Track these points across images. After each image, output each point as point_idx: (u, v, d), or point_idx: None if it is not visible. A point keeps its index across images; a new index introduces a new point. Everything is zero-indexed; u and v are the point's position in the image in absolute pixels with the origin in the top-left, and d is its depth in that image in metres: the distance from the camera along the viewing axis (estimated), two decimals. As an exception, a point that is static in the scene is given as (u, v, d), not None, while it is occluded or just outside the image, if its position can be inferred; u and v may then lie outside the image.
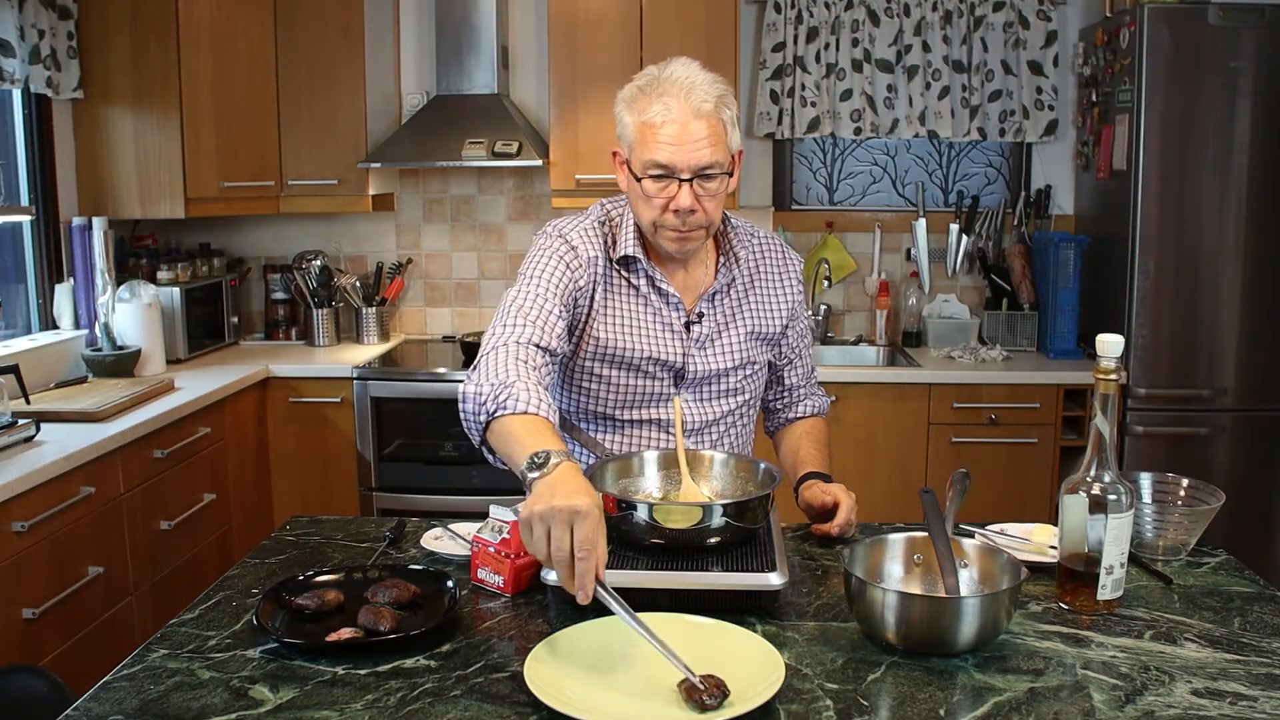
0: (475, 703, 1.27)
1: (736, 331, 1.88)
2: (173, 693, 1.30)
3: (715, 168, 1.69)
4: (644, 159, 1.70)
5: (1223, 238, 3.43)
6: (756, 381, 1.95)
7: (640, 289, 1.83)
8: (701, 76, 1.70)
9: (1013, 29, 3.87)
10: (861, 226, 4.13)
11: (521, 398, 1.53)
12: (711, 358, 1.86)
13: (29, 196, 3.38)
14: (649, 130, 1.68)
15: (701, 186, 1.70)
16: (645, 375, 1.84)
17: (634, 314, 1.83)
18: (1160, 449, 3.49)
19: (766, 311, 1.91)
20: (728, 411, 1.90)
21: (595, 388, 1.85)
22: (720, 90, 1.70)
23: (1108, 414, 1.52)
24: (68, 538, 2.52)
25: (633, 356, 1.82)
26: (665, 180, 1.70)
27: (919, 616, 1.37)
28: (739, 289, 1.89)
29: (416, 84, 4.11)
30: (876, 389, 3.57)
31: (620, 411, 1.86)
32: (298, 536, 1.86)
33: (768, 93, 3.96)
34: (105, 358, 3.26)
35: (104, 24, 3.45)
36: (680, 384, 1.86)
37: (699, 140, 1.67)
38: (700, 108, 1.67)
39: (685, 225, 1.73)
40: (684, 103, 1.67)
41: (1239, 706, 1.26)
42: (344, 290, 4.02)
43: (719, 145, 1.69)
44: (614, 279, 1.83)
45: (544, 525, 1.29)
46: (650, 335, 1.82)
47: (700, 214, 1.72)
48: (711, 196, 1.72)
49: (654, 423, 1.87)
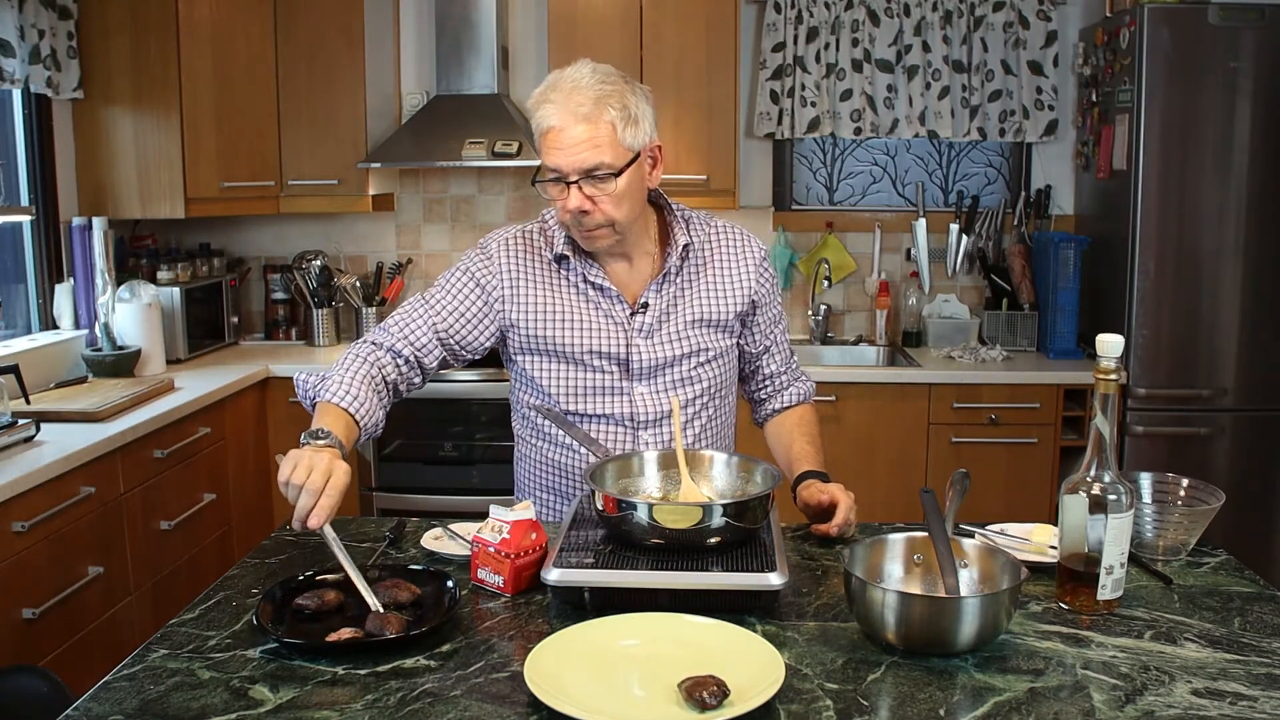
0: (475, 703, 1.27)
1: (681, 318, 1.89)
2: (173, 693, 1.30)
3: (602, 168, 1.72)
4: (543, 163, 1.77)
5: (1223, 238, 3.43)
6: (715, 371, 1.94)
7: (578, 285, 1.88)
8: (588, 78, 1.73)
9: (1013, 29, 3.87)
10: (861, 226, 4.13)
11: (333, 390, 1.73)
12: (657, 346, 1.88)
13: (29, 196, 3.38)
14: (541, 136, 1.75)
15: (595, 187, 1.74)
16: (589, 368, 1.87)
17: (574, 309, 1.87)
18: (1160, 449, 3.49)
19: (717, 297, 1.92)
20: (687, 401, 1.91)
21: (546, 383, 1.89)
22: (603, 90, 1.72)
23: (1108, 414, 1.52)
24: (68, 538, 2.52)
25: (572, 350, 1.86)
26: (559, 183, 1.75)
27: (919, 616, 1.37)
28: (685, 276, 1.91)
29: (416, 84, 4.11)
30: (876, 389, 3.57)
31: (573, 404, 1.89)
32: (298, 536, 1.86)
33: (768, 93, 3.96)
34: (105, 358, 3.26)
35: (104, 24, 3.45)
36: (630, 376, 1.88)
37: (580, 144, 1.71)
38: (578, 111, 1.70)
39: (583, 225, 1.77)
40: (563, 108, 1.71)
41: (1239, 706, 1.26)
42: (344, 290, 4.02)
43: (604, 146, 1.71)
44: (552, 278, 1.89)
45: (290, 462, 1.54)
46: (589, 328, 1.86)
47: (596, 214, 1.76)
48: (609, 195, 1.75)
49: (607, 417, 1.89)
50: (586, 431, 1.88)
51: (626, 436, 1.89)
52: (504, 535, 1.58)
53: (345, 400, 1.72)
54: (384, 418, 1.79)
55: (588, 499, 1.74)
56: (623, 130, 1.73)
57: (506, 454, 2.14)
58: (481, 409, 3.61)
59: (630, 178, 1.76)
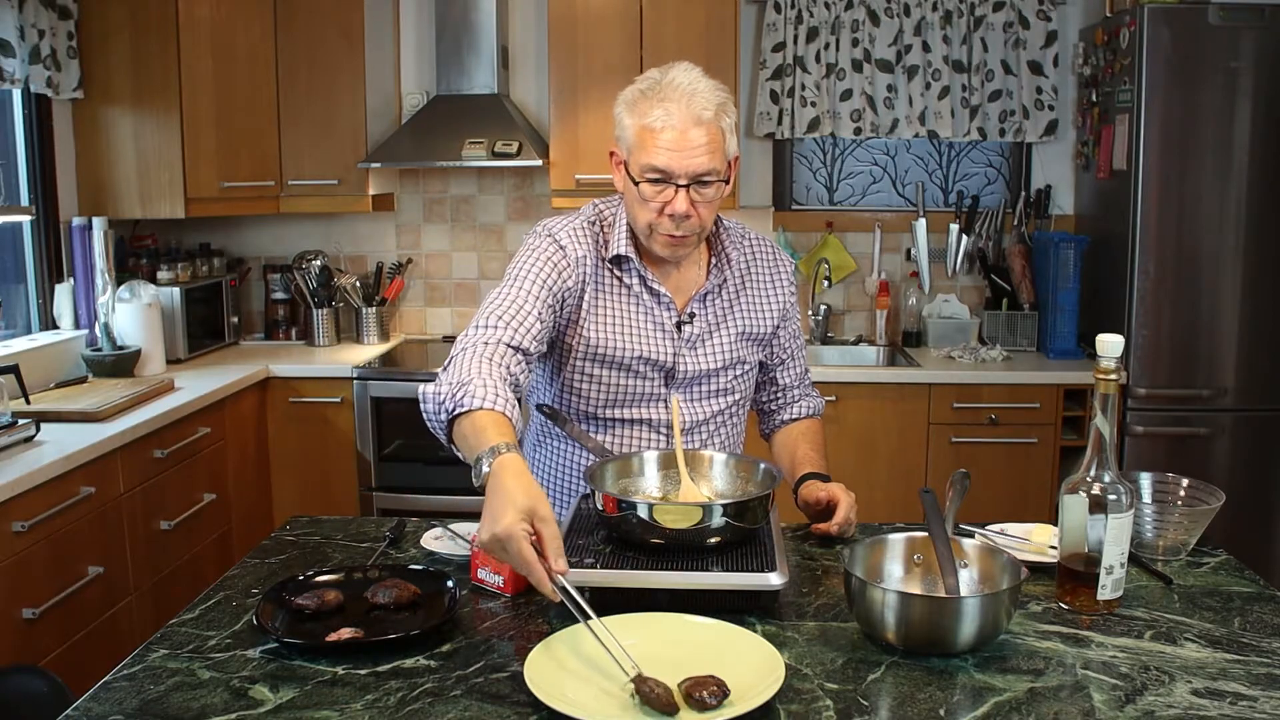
0: (475, 703, 1.27)
1: (728, 332, 1.89)
2: (173, 693, 1.30)
3: (712, 175, 1.70)
4: (642, 163, 1.71)
5: (1223, 238, 3.43)
6: (746, 381, 1.96)
7: (633, 288, 1.84)
8: (704, 84, 1.71)
9: (1013, 29, 3.87)
10: (861, 226, 4.13)
11: (478, 394, 1.53)
12: (702, 358, 1.87)
13: (29, 196, 3.38)
14: (649, 134, 1.69)
15: (698, 193, 1.71)
16: (635, 375, 1.84)
17: (625, 313, 1.83)
18: (1160, 449, 3.49)
19: (758, 312, 1.92)
20: (718, 411, 1.91)
21: (586, 387, 1.85)
22: (721, 98, 1.71)
23: (1108, 414, 1.52)
24: (68, 538, 2.52)
25: (623, 356, 1.82)
26: (662, 185, 1.71)
27: (919, 616, 1.38)
28: (730, 290, 1.90)
29: (416, 84, 4.11)
30: (876, 389, 3.57)
31: (611, 410, 1.87)
32: (298, 536, 1.86)
33: (768, 93, 3.96)
34: (105, 358, 3.26)
35: (104, 24, 3.45)
36: (670, 384, 1.87)
37: (697, 147, 1.68)
38: (700, 115, 1.68)
39: (679, 230, 1.74)
40: (685, 109, 1.67)
41: (1239, 706, 1.26)
42: (344, 290, 4.02)
43: (717, 153, 1.70)
44: (605, 278, 1.83)
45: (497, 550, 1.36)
46: (641, 335, 1.83)
47: (695, 220, 1.73)
48: (707, 203, 1.73)
49: (645, 422, 1.88)
50: (617, 443, 1.87)
51: (659, 442, 1.88)
52: (504, 535, 1.58)
53: (499, 404, 1.53)
54: None
55: (588, 499, 1.74)
56: (728, 140, 1.73)
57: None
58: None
59: (723, 188, 1.75)
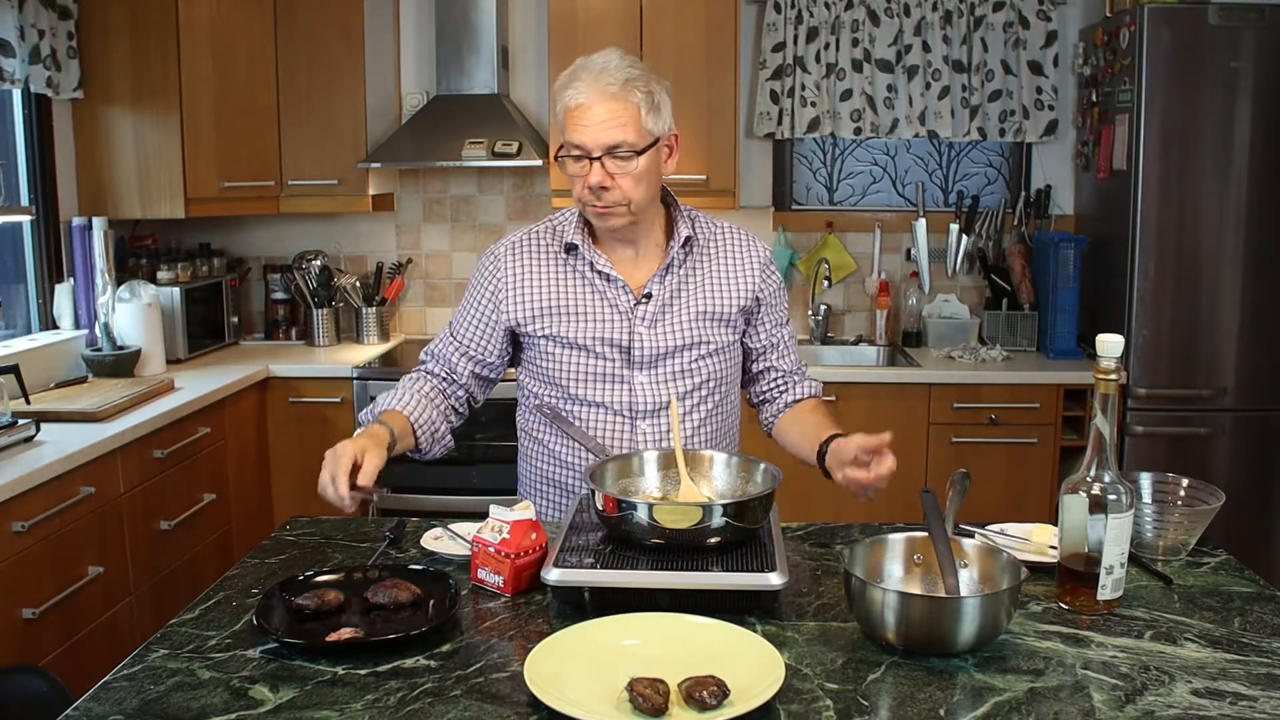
0: (475, 703, 1.27)
1: (686, 310, 1.93)
2: (173, 693, 1.30)
3: (623, 146, 1.79)
4: (564, 140, 1.83)
5: (1223, 238, 3.43)
6: (715, 365, 1.96)
7: (585, 274, 1.93)
8: (617, 62, 1.81)
9: (1013, 29, 3.87)
10: (861, 226, 4.13)
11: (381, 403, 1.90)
12: (660, 335, 1.91)
13: (29, 196, 3.38)
14: (567, 114, 1.82)
15: (614, 164, 1.80)
16: (593, 355, 1.91)
17: (579, 297, 1.92)
18: (1160, 449, 3.49)
19: (720, 291, 1.95)
20: (684, 394, 1.93)
21: (549, 366, 1.94)
22: (632, 73, 1.81)
23: (1108, 414, 1.52)
24: (68, 538, 2.52)
25: (576, 336, 1.91)
26: (581, 160, 1.81)
27: (919, 616, 1.38)
28: (688, 268, 1.95)
29: (416, 84, 4.11)
30: (876, 389, 3.57)
31: (577, 389, 1.92)
32: (298, 536, 1.86)
33: (768, 93, 3.96)
34: (105, 358, 3.26)
35: (104, 24, 3.45)
36: (631, 364, 1.91)
37: (605, 121, 1.78)
38: (606, 90, 1.78)
39: (601, 201, 1.82)
40: (592, 86, 1.79)
41: (1239, 706, 1.26)
42: (344, 290, 4.02)
43: (629, 125, 1.79)
44: (561, 268, 1.94)
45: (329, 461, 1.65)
46: (595, 316, 1.91)
47: (615, 191, 1.81)
48: (626, 175, 1.81)
49: (606, 406, 1.92)
50: (584, 425, 1.92)
51: (625, 426, 1.92)
52: (504, 535, 1.59)
53: (395, 404, 1.89)
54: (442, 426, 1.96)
55: (588, 499, 1.74)
56: (646, 114, 1.81)
57: (506, 454, 2.14)
58: (481, 409, 3.59)
59: (649, 160, 1.82)
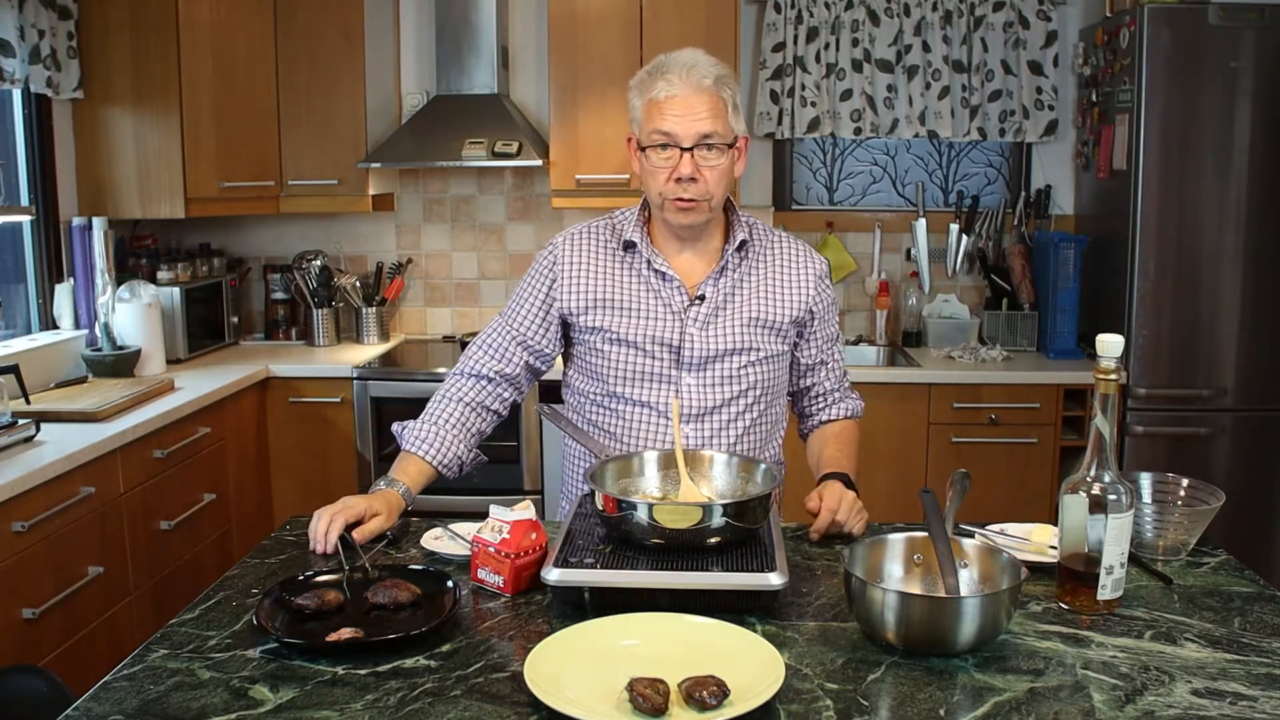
0: (475, 703, 1.27)
1: (738, 315, 1.92)
2: (173, 693, 1.30)
3: (715, 137, 1.80)
4: (649, 129, 1.82)
5: (1223, 238, 3.43)
6: (763, 373, 1.94)
7: (641, 272, 1.92)
8: (705, 59, 1.83)
9: (1013, 29, 3.87)
10: (861, 226, 4.13)
11: (410, 440, 1.94)
12: (711, 338, 1.90)
13: (29, 196, 3.38)
14: (654, 105, 1.81)
15: (703, 157, 1.80)
16: (644, 353, 1.90)
17: (634, 295, 1.92)
18: (1160, 449, 3.49)
19: (773, 300, 1.95)
20: (729, 399, 1.91)
21: (597, 362, 1.93)
22: (721, 71, 1.83)
23: (1108, 414, 1.52)
24: (68, 538, 2.52)
25: (628, 334, 1.90)
26: (669, 149, 1.81)
27: (919, 616, 1.37)
28: (743, 272, 1.95)
29: (416, 84, 4.11)
30: (876, 389, 3.56)
31: (623, 388, 1.91)
32: (298, 536, 1.86)
33: (768, 93, 3.96)
34: (105, 358, 3.26)
35: (104, 24, 3.45)
36: (680, 365, 1.90)
37: (699, 111, 1.79)
38: (700, 83, 1.80)
39: (688, 194, 1.82)
40: (685, 79, 1.80)
41: (1239, 706, 1.26)
42: (344, 290, 4.02)
43: (719, 118, 1.80)
44: (618, 265, 1.94)
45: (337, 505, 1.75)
46: (648, 314, 1.90)
47: (702, 183, 1.81)
48: (712, 168, 1.81)
49: (652, 407, 1.91)
50: (627, 425, 1.92)
51: (667, 427, 1.91)
52: (504, 535, 1.59)
53: (421, 449, 1.93)
54: (467, 452, 1.96)
55: (588, 499, 1.74)
56: (731, 112, 1.83)
57: (507, 454, 2.14)
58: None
59: (730, 159, 1.84)
